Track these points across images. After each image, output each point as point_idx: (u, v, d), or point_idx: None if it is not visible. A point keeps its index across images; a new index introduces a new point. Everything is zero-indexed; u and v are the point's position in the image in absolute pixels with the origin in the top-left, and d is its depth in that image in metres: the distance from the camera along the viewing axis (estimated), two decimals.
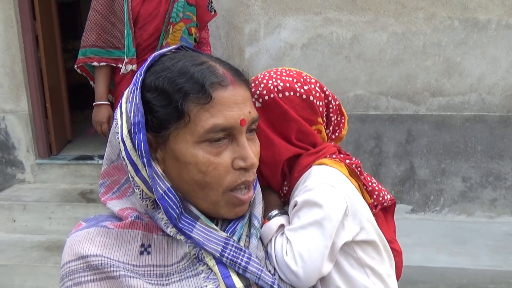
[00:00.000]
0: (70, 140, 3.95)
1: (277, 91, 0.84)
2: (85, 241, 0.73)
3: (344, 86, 3.05)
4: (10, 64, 3.27)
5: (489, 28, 2.89)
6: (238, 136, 0.73)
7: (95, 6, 2.17)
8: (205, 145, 0.71)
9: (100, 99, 2.25)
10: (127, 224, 0.75)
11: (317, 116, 0.87)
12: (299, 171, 0.86)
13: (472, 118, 3.00)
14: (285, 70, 0.89)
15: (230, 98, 0.71)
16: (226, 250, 0.72)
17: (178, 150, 0.71)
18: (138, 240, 0.74)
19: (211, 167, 0.71)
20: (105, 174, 0.82)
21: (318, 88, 0.88)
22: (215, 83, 0.70)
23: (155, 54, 0.76)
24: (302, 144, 0.87)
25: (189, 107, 0.69)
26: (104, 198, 0.81)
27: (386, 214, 0.94)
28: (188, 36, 2.27)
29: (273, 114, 0.84)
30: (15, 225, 3.12)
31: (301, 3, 2.96)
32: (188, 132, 0.70)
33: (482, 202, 3.11)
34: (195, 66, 0.71)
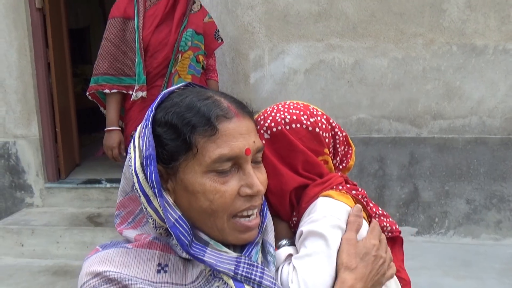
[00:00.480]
0: (78, 163, 4.01)
1: (284, 124, 0.89)
2: (103, 261, 0.75)
3: (346, 110, 3.12)
4: (23, 90, 3.37)
5: (486, 53, 2.97)
6: (244, 165, 0.77)
7: (108, 36, 2.27)
8: (213, 174, 0.75)
9: (111, 125, 2.32)
10: (145, 243, 0.78)
11: (323, 147, 0.91)
12: (307, 202, 0.88)
13: (473, 141, 3.05)
14: (292, 103, 0.94)
15: (235, 129, 0.76)
16: (239, 268, 0.76)
17: (187, 180, 0.75)
18: (155, 259, 0.77)
19: (217, 195, 0.75)
20: (120, 205, 0.85)
21: (324, 120, 0.92)
22: (220, 115, 0.75)
23: (164, 92, 0.82)
24: (308, 175, 0.90)
25: (196, 139, 0.73)
26: (119, 228, 0.84)
27: (393, 244, 0.96)
28: (196, 64, 2.35)
29: (280, 145, 0.88)
30: (23, 249, 3.15)
31: (304, 31, 3.06)
32: (196, 163, 0.74)
33: (487, 224, 3.11)
34: (202, 101, 0.76)
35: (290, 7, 3.04)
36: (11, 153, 3.46)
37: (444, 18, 2.96)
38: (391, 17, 2.99)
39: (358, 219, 0.85)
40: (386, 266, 0.85)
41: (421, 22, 2.97)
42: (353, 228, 0.84)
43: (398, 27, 3.00)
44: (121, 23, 2.24)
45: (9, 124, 3.43)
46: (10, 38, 3.32)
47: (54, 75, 3.45)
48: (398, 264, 0.94)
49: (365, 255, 0.82)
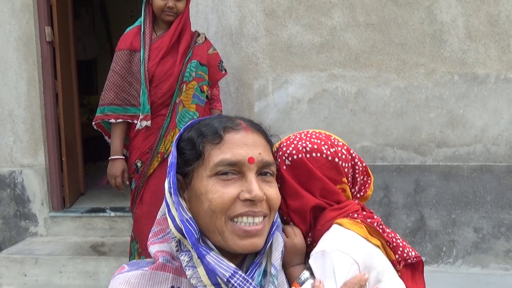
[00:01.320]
0: (82, 192, 4.02)
1: (305, 152, 0.94)
2: (123, 283, 0.83)
3: (350, 138, 3.13)
4: (31, 120, 3.43)
5: (488, 82, 3.00)
6: (247, 173, 0.82)
7: (114, 68, 2.33)
8: (215, 178, 0.82)
9: (115, 154, 2.35)
10: (159, 266, 0.85)
11: (341, 176, 0.95)
12: (322, 224, 0.92)
13: (479, 169, 3.03)
14: (315, 132, 0.98)
15: (240, 139, 0.84)
16: (233, 278, 0.78)
17: (196, 185, 0.83)
18: (168, 282, 0.83)
19: (216, 195, 0.80)
20: (157, 223, 0.92)
21: (345, 150, 0.97)
22: (228, 127, 0.85)
23: (197, 119, 0.96)
24: (326, 200, 0.94)
25: (205, 147, 0.83)
26: (149, 242, 0.91)
27: (413, 271, 0.96)
28: (200, 94, 2.40)
29: (300, 172, 0.93)
30: (26, 279, 3.12)
31: (307, 61, 3.12)
32: (203, 168, 0.83)
33: (496, 254, 3.05)
34: (218, 119, 0.88)
35: (293, 39, 3.11)
36: (17, 182, 3.48)
37: (445, 48, 3.00)
38: (392, 47, 3.04)
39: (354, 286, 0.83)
40: None
41: (422, 52, 3.02)
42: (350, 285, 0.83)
43: (400, 57, 3.05)
44: (128, 55, 2.31)
45: (16, 153, 3.48)
46: (20, 70, 3.41)
47: (62, 106, 3.51)
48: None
49: None
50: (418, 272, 0.97)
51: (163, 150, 2.33)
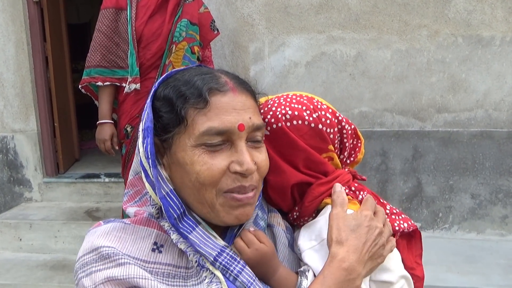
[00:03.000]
0: (77, 158, 3.99)
1: (285, 120, 0.84)
2: (101, 235, 0.76)
3: (349, 103, 3.05)
4: (20, 84, 3.35)
5: (493, 44, 2.88)
6: (237, 141, 0.74)
7: (100, 27, 2.22)
8: (202, 148, 0.73)
9: (103, 118, 2.28)
10: (143, 220, 0.79)
11: (327, 144, 0.86)
12: (310, 201, 0.85)
13: (479, 134, 2.97)
14: (295, 95, 0.88)
15: (228, 103, 0.74)
16: (220, 256, 0.74)
17: (179, 153, 0.75)
18: (152, 238, 0.77)
19: (204, 167, 0.73)
20: (129, 184, 0.86)
21: (329, 114, 0.86)
22: (213, 88, 0.74)
23: (172, 70, 0.82)
24: (311, 173, 0.85)
25: (187, 112, 0.73)
26: (125, 206, 0.85)
27: (409, 240, 0.91)
28: (191, 55, 2.30)
29: (280, 143, 0.84)
30: (21, 243, 3.14)
31: (305, 22, 2.99)
32: (187, 136, 0.74)
33: (492, 220, 3.04)
34: (200, 76, 0.76)
35: None
36: (9, 147, 3.44)
37: (449, 8, 2.87)
38: (394, 8, 2.91)
39: (341, 194, 0.82)
40: (385, 237, 0.80)
41: (425, 13, 2.89)
42: (337, 203, 0.81)
43: (402, 18, 2.92)
44: (114, 13, 2.19)
45: (7, 118, 3.41)
46: (8, 32, 3.29)
47: (52, 70, 3.41)
48: (414, 260, 0.90)
49: (356, 226, 0.78)
50: (414, 240, 0.92)
51: None
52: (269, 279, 0.78)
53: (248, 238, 0.78)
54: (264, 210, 0.87)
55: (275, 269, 0.78)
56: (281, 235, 0.85)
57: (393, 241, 0.83)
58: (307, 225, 0.86)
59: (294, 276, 0.80)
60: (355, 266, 0.75)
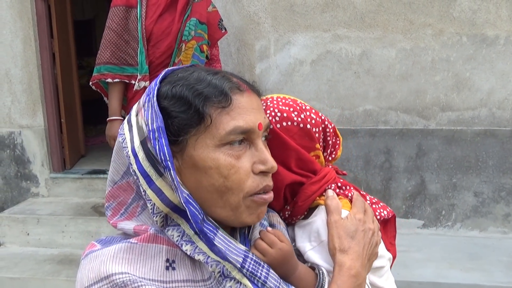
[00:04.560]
0: (83, 154, 4.02)
1: (275, 122, 0.86)
2: (108, 259, 0.68)
3: (353, 101, 3.08)
4: (28, 80, 3.37)
5: (497, 43, 2.90)
6: (256, 140, 0.74)
7: (110, 25, 2.25)
8: (226, 148, 0.71)
9: (113, 115, 2.31)
10: (150, 237, 0.72)
11: (314, 143, 0.89)
12: (304, 200, 0.87)
13: (482, 133, 2.99)
14: (280, 98, 0.90)
15: (247, 103, 0.73)
16: (246, 262, 0.72)
17: (198, 155, 0.71)
18: (163, 255, 0.71)
19: (232, 170, 0.71)
20: (110, 197, 0.79)
21: (313, 114, 0.90)
22: (233, 87, 0.72)
23: (168, 69, 0.78)
24: (302, 172, 0.88)
25: (210, 110, 0.70)
26: (112, 221, 0.78)
27: (385, 224, 0.97)
28: (200, 53, 2.32)
29: (273, 144, 0.84)
30: (29, 238, 3.17)
31: (310, 21, 3.01)
32: (208, 136, 0.70)
33: (495, 218, 3.07)
34: (211, 75, 0.74)
35: None
36: (16, 143, 3.47)
37: (454, 8, 2.89)
38: (399, 7, 2.93)
39: (334, 199, 0.85)
40: (376, 236, 0.86)
41: (430, 12, 2.91)
42: (332, 209, 0.84)
43: (407, 17, 2.94)
44: (124, 11, 2.22)
45: (15, 114, 3.44)
46: (15, 28, 3.31)
47: (59, 66, 3.44)
48: (389, 241, 0.97)
49: (354, 232, 0.82)
50: (389, 224, 0.98)
51: None
52: (289, 277, 0.79)
53: (270, 239, 0.78)
54: None
55: (295, 266, 0.80)
56: (284, 233, 0.86)
57: (380, 234, 0.88)
58: (302, 224, 0.89)
59: (311, 272, 0.82)
60: (360, 271, 0.79)
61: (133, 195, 0.77)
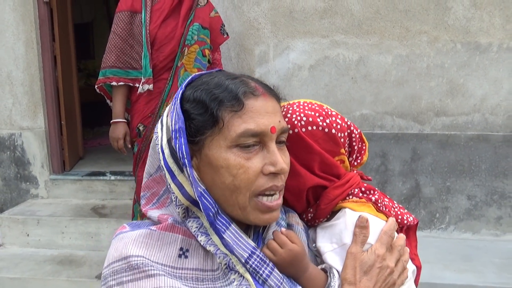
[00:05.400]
0: (81, 156, 4.05)
1: (300, 126, 0.88)
2: (130, 242, 0.77)
3: (350, 106, 3.15)
4: (29, 83, 3.41)
5: (490, 51, 2.99)
6: (268, 143, 0.78)
7: (115, 30, 2.30)
8: (237, 149, 0.76)
9: (117, 117, 2.35)
10: (168, 226, 0.79)
11: (339, 148, 0.91)
12: (326, 203, 0.89)
13: (476, 138, 3.07)
14: (306, 103, 0.93)
15: (261, 107, 0.77)
16: (251, 258, 0.77)
17: (212, 155, 0.77)
18: (177, 244, 0.78)
19: (241, 170, 0.76)
20: (145, 187, 0.87)
21: (339, 120, 0.92)
22: (247, 92, 0.77)
23: (195, 74, 0.85)
24: (326, 175, 0.90)
25: (223, 114, 0.75)
26: (145, 209, 0.87)
27: (408, 232, 0.98)
28: (202, 58, 2.38)
29: (297, 148, 0.88)
30: (29, 239, 3.19)
31: (309, 27, 3.08)
32: (221, 138, 0.76)
33: (487, 220, 3.14)
34: (230, 80, 0.79)
35: (295, 4, 3.06)
36: (17, 144, 3.50)
37: (449, 16, 2.97)
38: (396, 14, 3.01)
39: (364, 230, 0.84)
40: (396, 276, 0.84)
41: (426, 20, 2.99)
42: (358, 240, 0.84)
43: (403, 24, 3.02)
44: (128, 16, 2.27)
45: (16, 116, 3.47)
46: (18, 31, 3.34)
47: (60, 68, 3.47)
48: (412, 251, 0.97)
49: (369, 268, 0.82)
50: (411, 232, 1.00)
51: None
52: (299, 277, 0.82)
53: (281, 239, 0.81)
54: (282, 210, 0.90)
55: (306, 267, 0.83)
56: (301, 234, 0.89)
57: (405, 273, 0.87)
58: (324, 226, 0.91)
59: (322, 274, 0.85)
60: None
61: (165, 187, 0.85)
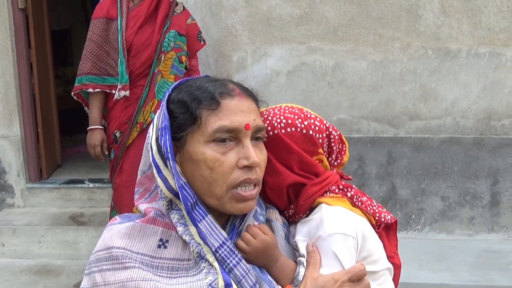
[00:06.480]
0: (59, 164, 4.00)
1: (280, 127, 0.95)
2: (115, 234, 0.87)
3: (327, 110, 3.20)
4: (4, 90, 3.36)
5: (460, 56, 3.10)
6: (243, 139, 0.84)
7: (91, 36, 2.30)
8: (213, 144, 0.83)
9: (94, 124, 2.35)
10: (150, 219, 0.88)
11: (317, 148, 0.97)
12: (305, 199, 0.95)
13: (448, 140, 3.16)
14: (287, 107, 1.00)
15: (236, 106, 0.85)
16: (221, 248, 0.83)
17: (192, 150, 0.84)
18: (158, 235, 0.87)
19: (217, 164, 0.83)
20: (139, 183, 0.95)
21: (318, 122, 0.99)
22: (224, 93, 0.85)
23: (183, 79, 0.94)
24: (304, 173, 0.96)
25: (201, 112, 0.83)
26: (137, 203, 0.95)
27: (388, 231, 1.02)
28: (178, 64, 2.40)
29: (277, 148, 0.95)
30: (4, 249, 3.14)
31: (286, 34, 3.14)
32: (200, 134, 0.84)
33: (461, 221, 3.23)
34: (210, 82, 0.88)
35: (272, 11, 3.11)
36: None
37: (420, 23, 3.07)
38: (370, 21, 3.09)
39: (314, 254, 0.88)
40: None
41: (398, 27, 3.08)
42: (310, 263, 0.87)
43: (377, 31, 3.10)
44: (104, 23, 2.28)
45: None
46: None
47: (37, 76, 3.44)
48: (392, 250, 1.02)
49: None
50: (392, 231, 1.04)
51: (142, 121, 2.35)
52: (271, 267, 0.88)
53: (253, 231, 0.88)
54: (262, 207, 0.97)
55: (277, 258, 0.89)
56: (278, 228, 0.95)
57: None
58: (303, 221, 0.97)
59: (293, 264, 0.90)
60: None
61: (155, 183, 0.91)
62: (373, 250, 0.93)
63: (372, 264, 0.93)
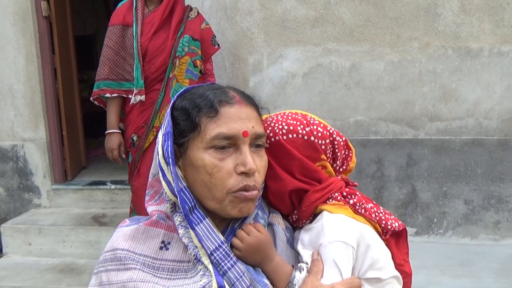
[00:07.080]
0: (84, 166, 4.12)
1: (281, 134, 0.96)
2: (122, 236, 0.93)
3: (344, 112, 3.17)
4: (30, 95, 3.49)
5: (481, 55, 3.00)
6: (241, 146, 0.86)
7: (108, 43, 2.37)
8: (212, 151, 0.86)
9: (111, 128, 2.41)
10: (152, 222, 0.93)
11: (319, 154, 0.97)
12: (307, 206, 0.95)
13: (470, 142, 3.07)
14: (291, 113, 1.00)
15: (235, 114, 0.87)
16: (217, 251, 0.85)
17: (193, 155, 0.87)
18: (160, 237, 0.91)
19: (215, 169, 0.85)
20: (149, 186, 0.99)
21: (321, 128, 0.98)
22: (223, 101, 0.87)
23: (187, 86, 0.97)
24: (306, 179, 0.96)
25: (201, 120, 0.86)
26: (147, 204, 0.99)
27: (397, 239, 1.00)
28: (193, 68, 2.43)
29: (278, 154, 0.95)
30: (31, 248, 3.26)
31: (301, 35, 3.13)
32: (199, 140, 0.86)
33: (485, 225, 3.13)
34: (212, 90, 0.90)
35: (287, 13, 3.11)
36: (19, 155, 3.58)
37: (439, 22, 3.00)
38: (386, 21, 3.04)
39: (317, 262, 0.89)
40: None
41: (416, 26, 3.02)
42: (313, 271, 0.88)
43: (394, 31, 3.05)
44: (121, 30, 2.34)
45: (17, 127, 3.55)
46: (18, 45, 3.44)
47: (61, 80, 3.56)
48: (402, 257, 1.00)
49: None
50: (402, 239, 1.02)
51: (158, 125, 2.39)
52: (266, 267, 0.89)
53: (248, 228, 0.90)
54: (265, 211, 0.98)
55: (271, 257, 0.90)
56: (280, 232, 0.96)
57: None
58: (306, 228, 0.97)
59: (289, 268, 0.90)
60: None
61: None
62: (377, 258, 0.92)
63: (377, 270, 0.92)
